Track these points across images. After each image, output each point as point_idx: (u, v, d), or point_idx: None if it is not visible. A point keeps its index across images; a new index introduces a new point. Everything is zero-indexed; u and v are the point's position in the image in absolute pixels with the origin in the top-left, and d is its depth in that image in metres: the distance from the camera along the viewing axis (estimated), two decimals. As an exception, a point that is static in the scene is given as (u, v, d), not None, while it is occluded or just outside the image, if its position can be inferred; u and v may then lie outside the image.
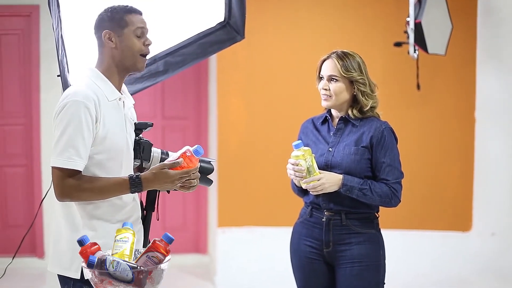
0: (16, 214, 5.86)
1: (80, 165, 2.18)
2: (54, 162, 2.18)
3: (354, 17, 5.33)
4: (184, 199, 5.94)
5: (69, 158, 2.16)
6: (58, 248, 2.32)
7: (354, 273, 2.75)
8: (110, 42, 2.31)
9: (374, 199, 2.71)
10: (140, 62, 2.35)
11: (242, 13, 3.21)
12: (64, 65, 2.58)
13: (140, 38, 2.33)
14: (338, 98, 2.77)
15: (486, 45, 5.30)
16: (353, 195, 2.68)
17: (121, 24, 2.30)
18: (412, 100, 5.29)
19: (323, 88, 2.78)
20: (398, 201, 2.79)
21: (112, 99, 2.31)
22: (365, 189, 2.69)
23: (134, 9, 2.34)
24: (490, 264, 5.28)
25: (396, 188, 2.76)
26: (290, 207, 3.35)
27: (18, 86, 5.83)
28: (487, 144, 5.35)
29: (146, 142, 2.40)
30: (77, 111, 2.18)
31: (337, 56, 2.77)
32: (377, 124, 2.78)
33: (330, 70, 2.77)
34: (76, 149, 2.17)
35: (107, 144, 2.25)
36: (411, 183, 5.36)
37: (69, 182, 2.17)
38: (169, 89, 5.92)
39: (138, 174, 2.22)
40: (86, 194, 2.20)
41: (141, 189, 2.21)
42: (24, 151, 5.87)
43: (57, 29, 2.55)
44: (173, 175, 2.19)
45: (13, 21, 5.83)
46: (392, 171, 2.75)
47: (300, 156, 2.68)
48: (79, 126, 2.17)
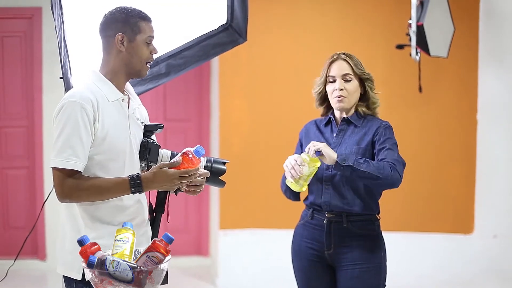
0: (18, 216, 5.86)
1: (79, 165, 2.19)
2: (52, 163, 2.19)
3: (356, 19, 5.33)
4: (186, 201, 5.94)
5: (67, 158, 2.17)
6: (63, 249, 2.33)
7: (355, 275, 2.75)
8: (121, 46, 2.30)
9: (370, 169, 2.61)
10: (145, 70, 2.36)
11: (244, 16, 3.21)
12: (67, 67, 2.58)
13: (149, 46, 2.33)
14: (352, 98, 2.80)
15: (488, 48, 5.30)
16: (349, 162, 2.61)
17: (135, 30, 2.30)
18: (414, 102, 5.29)
19: (339, 88, 2.78)
20: (398, 177, 2.66)
21: (113, 100, 2.30)
22: (361, 159, 2.65)
23: (148, 16, 2.35)
24: (492, 266, 5.27)
25: (395, 163, 2.67)
26: (291, 209, 3.35)
27: (20, 88, 5.84)
28: (489, 146, 5.34)
29: (153, 144, 2.38)
30: (73, 111, 2.18)
31: (345, 56, 2.81)
32: (378, 123, 2.80)
33: (344, 69, 2.79)
34: (74, 149, 2.17)
35: (107, 145, 2.25)
36: (413, 185, 5.37)
37: (68, 182, 2.18)
38: (171, 91, 5.92)
39: (138, 174, 2.21)
40: (85, 194, 2.19)
41: (141, 189, 2.20)
42: (26, 153, 5.87)
43: (59, 31, 2.55)
44: (172, 174, 2.18)
45: (16, 23, 5.84)
46: (390, 154, 2.71)
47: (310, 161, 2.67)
48: (76, 127, 2.18)
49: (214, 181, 2.39)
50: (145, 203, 2.43)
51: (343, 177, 2.75)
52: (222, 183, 2.42)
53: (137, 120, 2.41)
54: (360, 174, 2.63)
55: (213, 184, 2.41)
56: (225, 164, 2.42)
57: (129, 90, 2.45)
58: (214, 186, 2.44)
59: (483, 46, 5.32)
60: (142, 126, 2.43)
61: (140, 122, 2.42)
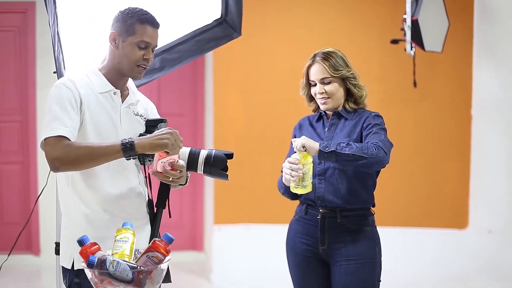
0: (12, 211, 5.85)
1: (66, 132, 2.16)
2: (41, 137, 2.17)
3: (350, 14, 5.33)
4: (180, 196, 5.93)
5: (54, 128, 2.15)
6: (61, 240, 2.36)
7: (350, 271, 2.75)
8: (113, 43, 2.32)
9: (354, 150, 2.56)
10: (135, 72, 2.34)
11: (239, 10, 3.21)
12: (61, 61, 2.58)
13: (142, 50, 2.31)
14: (336, 97, 2.78)
15: (482, 43, 5.31)
16: (331, 147, 2.57)
17: (129, 31, 2.30)
18: (408, 97, 5.30)
19: (319, 92, 2.78)
20: (384, 154, 2.59)
21: (102, 91, 2.31)
22: (343, 143, 2.61)
23: (151, 21, 2.33)
24: (487, 261, 5.29)
25: (379, 143, 2.61)
26: (286, 205, 3.34)
27: (14, 83, 5.82)
28: (483, 141, 5.35)
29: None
30: (58, 91, 2.22)
31: (321, 58, 2.77)
32: (367, 113, 2.79)
33: (320, 74, 2.77)
34: (61, 120, 2.16)
35: (92, 132, 2.24)
36: (408, 180, 5.39)
37: (58, 147, 2.13)
38: (165, 86, 5.91)
39: (131, 138, 2.18)
40: (77, 156, 2.13)
41: (134, 152, 2.15)
42: (20, 148, 5.86)
43: (53, 26, 2.54)
44: (163, 130, 2.20)
45: (9, 17, 5.81)
46: (376, 136, 2.66)
47: (301, 160, 2.67)
48: (61, 102, 2.19)
49: (216, 173, 2.37)
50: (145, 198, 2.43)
51: (335, 170, 2.74)
52: (224, 175, 2.39)
53: (135, 115, 2.40)
54: (345, 157, 2.57)
55: (216, 176, 2.39)
56: (228, 156, 2.38)
57: (130, 86, 2.45)
58: (217, 178, 2.41)
59: (477, 41, 5.32)
60: (142, 121, 2.42)
61: (140, 116, 2.42)
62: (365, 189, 2.78)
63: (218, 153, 2.37)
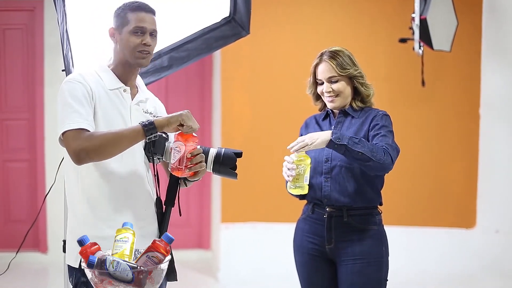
0: (20, 209, 5.87)
1: (86, 124, 2.17)
2: (60, 131, 2.17)
3: (358, 12, 5.32)
4: (187, 194, 5.93)
5: (74, 121, 2.16)
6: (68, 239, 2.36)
7: (356, 270, 2.74)
8: (112, 39, 2.35)
9: (364, 150, 2.56)
10: (139, 58, 2.33)
11: (247, 9, 3.20)
12: (69, 59, 2.58)
13: (139, 37, 2.31)
14: (344, 96, 2.78)
15: (491, 42, 5.29)
16: (343, 141, 2.57)
17: (123, 22, 2.32)
18: (416, 96, 5.28)
19: (327, 91, 2.77)
20: (390, 161, 2.60)
21: (113, 88, 2.32)
22: (357, 138, 2.62)
23: (142, 7, 2.33)
24: (494, 261, 5.28)
25: (388, 148, 2.62)
26: (293, 204, 3.34)
27: (22, 80, 5.84)
28: (491, 141, 5.34)
29: (160, 136, 2.32)
30: (71, 86, 2.23)
31: (328, 57, 2.76)
32: (375, 112, 2.78)
33: (328, 72, 2.76)
34: (78, 113, 2.17)
35: (103, 128, 2.24)
36: (415, 180, 5.37)
37: (80, 138, 2.14)
38: (173, 85, 5.92)
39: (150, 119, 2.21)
40: (99, 142, 2.14)
41: (155, 129, 2.18)
42: (28, 145, 5.87)
43: (62, 24, 2.54)
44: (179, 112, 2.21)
45: (17, 15, 5.83)
46: (384, 139, 2.67)
47: (295, 161, 2.67)
48: (76, 96, 2.20)
49: (225, 172, 2.37)
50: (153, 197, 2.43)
51: (342, 169, 2.73)
52: (233, 174, 2.38)
53: (145, 113, 2.40)
54: (353, 154, 2.57)
55: (225, 175, 2.38)
56: (238, 154, 2.38)
57: (139, 84, 2.46)
58: (226, 177, 2.40)
59: (486, 40, 5.31)
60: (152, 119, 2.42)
61: (149, 114, 2.42)
62: (371, 188, 2.77)
63: (227, 151, 2.37)
